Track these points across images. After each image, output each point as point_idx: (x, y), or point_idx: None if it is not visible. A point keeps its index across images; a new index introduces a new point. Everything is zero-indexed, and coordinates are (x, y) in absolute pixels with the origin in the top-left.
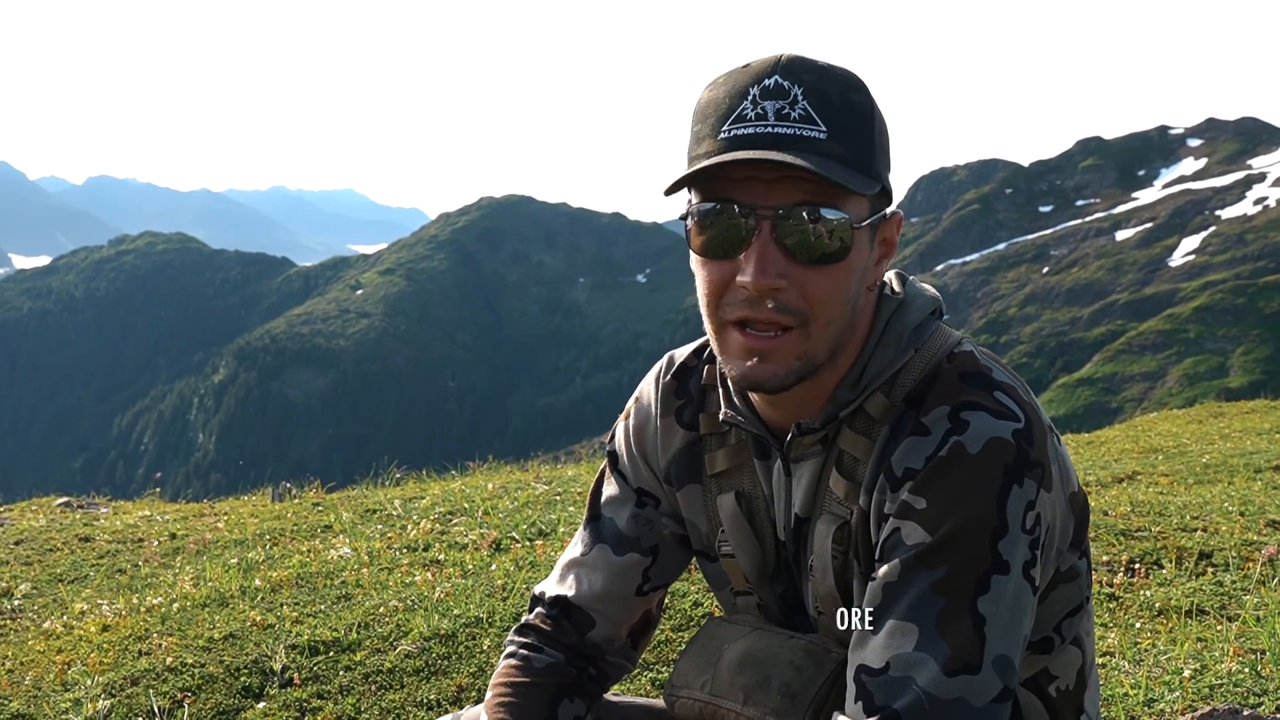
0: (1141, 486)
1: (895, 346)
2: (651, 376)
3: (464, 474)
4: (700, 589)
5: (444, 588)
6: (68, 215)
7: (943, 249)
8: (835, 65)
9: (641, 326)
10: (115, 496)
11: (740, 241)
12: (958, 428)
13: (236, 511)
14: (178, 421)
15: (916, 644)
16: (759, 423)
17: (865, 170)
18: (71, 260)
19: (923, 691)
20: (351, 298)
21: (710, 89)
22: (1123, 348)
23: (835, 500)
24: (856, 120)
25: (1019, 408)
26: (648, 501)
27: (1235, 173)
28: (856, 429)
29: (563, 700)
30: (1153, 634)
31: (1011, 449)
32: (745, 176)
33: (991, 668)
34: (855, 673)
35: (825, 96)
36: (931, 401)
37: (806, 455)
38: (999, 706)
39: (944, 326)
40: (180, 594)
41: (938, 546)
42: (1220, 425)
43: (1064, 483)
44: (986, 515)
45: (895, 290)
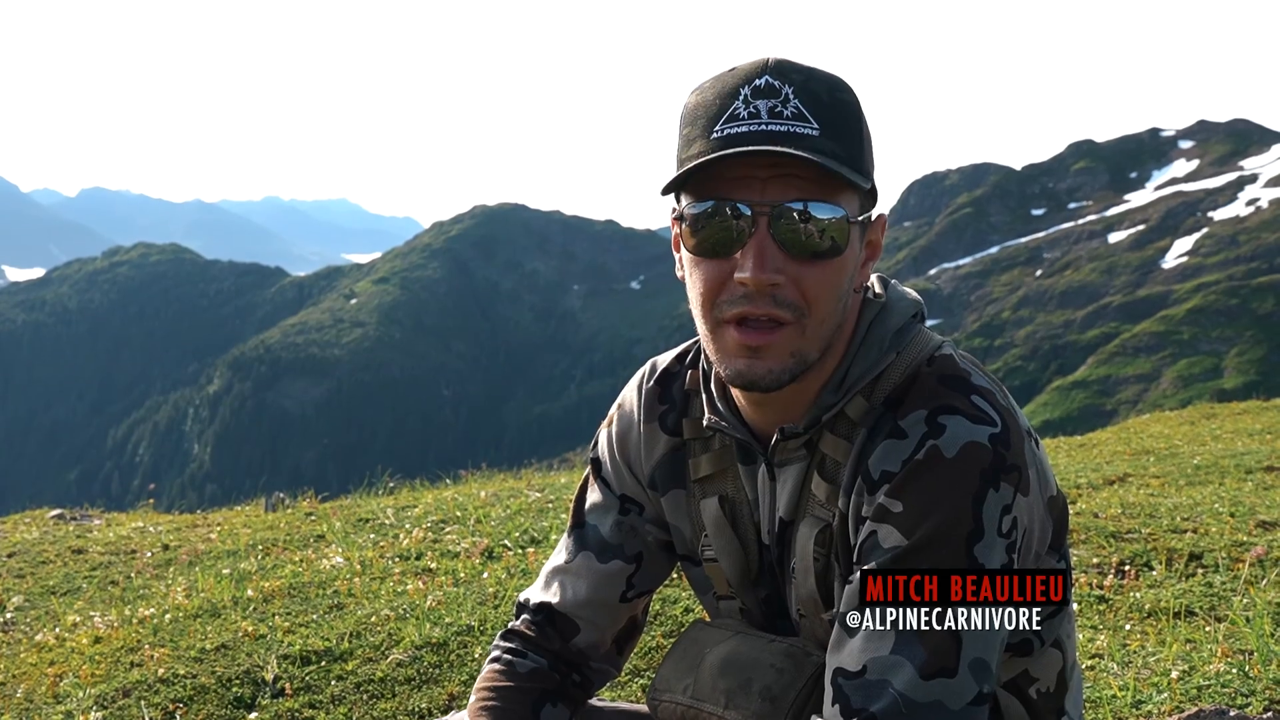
0: (1132, 488)
1: (877, 350)
2: (634, 383)
3: (457, 482)
4: (691, 595)
5: (436, 596)
6: (61, 227)
7: (935, 253)
8: (820, 68)
9: (636, 333)
10: (110, 508)
11: (737, 239)
12: (934, 431)
13: (229, 522)
14: (173, 432)
15: (893, 647)
16: (743, 427)
17: (857, 168)
18: (65, 272)
19: (899, 695)
20: (345, 307)
21: (697, 93)
22: (1117, 350)
23: (817, 504)
24: (846, 119)
25: (996, 412)
26: (631, 508)
27: (1227, 174)
28: (837, 432)
29: (545, 705)
30: (1142, 635)
31: (988, 453)
32: (740, 175)
33: (968, 671)
34: (832, 675)
35: (815, 95)
36: (909, 405)
37: (791, 459)
38: (976, 709)
39: (925, 330)
40: (172, 605)
41: (914, 550)
42: (1212, 426)
43: (1042, 487)
44: (962, 519)
45: (877, 294)
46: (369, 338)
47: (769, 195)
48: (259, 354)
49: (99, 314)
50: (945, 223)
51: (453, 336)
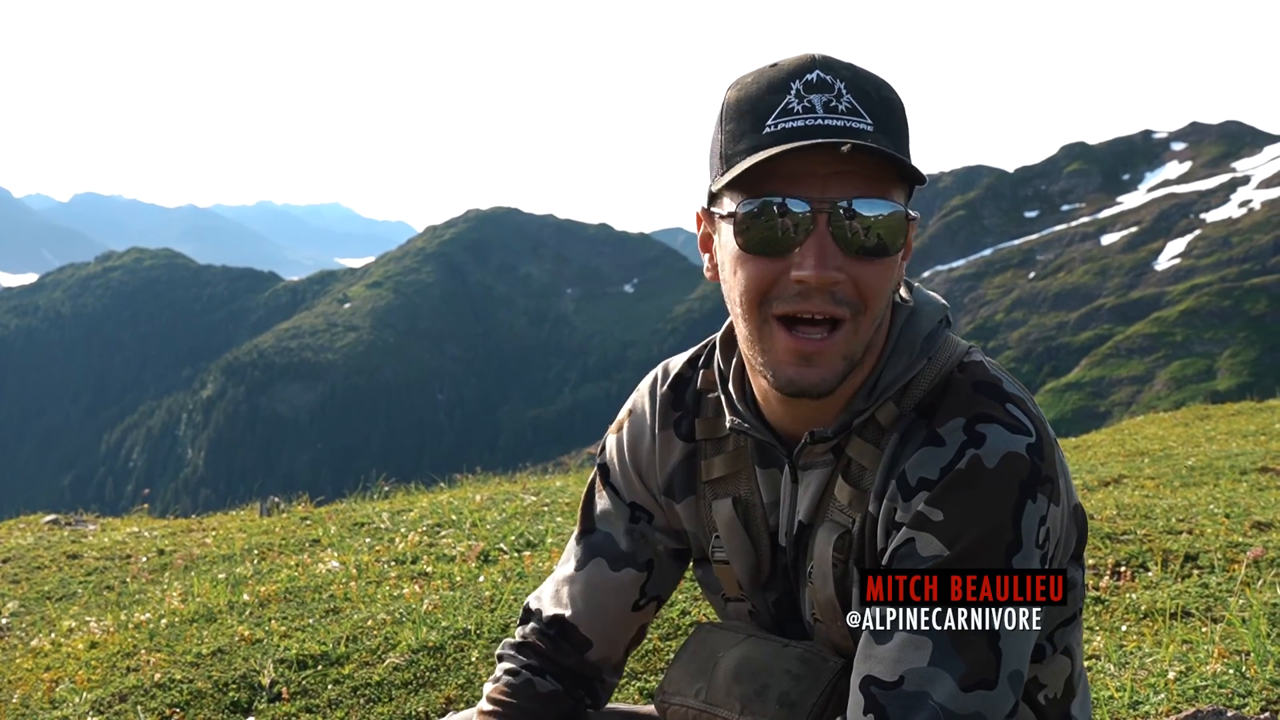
0: (1127, 490)
1: (908, 355)
2: (646, 388)
3: (452, 486)
4: (688, 597)
5: (432, 600)
6: (54, 233)
7: (929, 255)
8: (859, 64)
9: (629, 336)
10: (104, 513)
11: (795, 237)
12: (974, 440)
13: (225, 527)
14: (166, 437)
15: (931, 658)
16: (767, 430)
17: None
18: (58, 277)
19: (939, 707)
20: (339, 311)
21: (738, 89)
22: (1110, 352)
23: (839, 508)
24: (895, 115)
25: (1030, 421)
26: (641, 516)
27: (1219, 176)
28: (866, 437)
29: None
30: (1138, 637)
31: (1026, 464)
32: (799, 171)
33: (1006, 683)
34: (863, 683)
35: (864, 91)
36: (946, 412)
37: (816, 463)
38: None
39: (952, 335)
40: (168, 610)
41: (955, 560)
42: (1206, 428)
43: (1069, 496)
44: (1003, 530)
45: (904, 298)
46: (363, 342)
47: (830, 192)
48: (252, 358)
49: (92, 319)
50: (938, 225)
51: (446, 340)
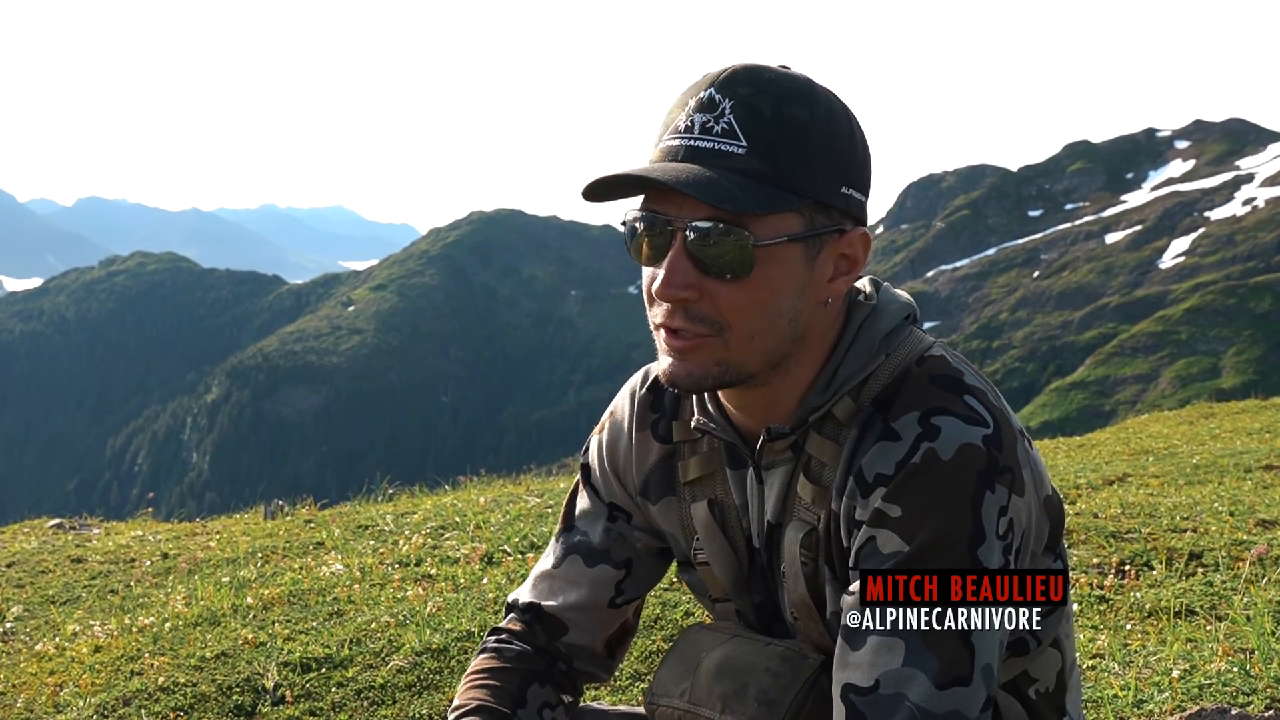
0: (1132, 488)
1: (867, 352)
2: (626, 390)
3: (456, 489)
4: (691, 599)
5: (436, 602)
6: (58, 237)
7: (933, 255)
8: (791, 75)
9: (634, 338)
10: (110, 518)
11: (662, 251)
12: (929, 433)
13: (229, 530)
14: (171, 441)
15: (904, 659)
16: (731, 429)
17: (789, 186)
18: (62, 282)
19: (916, 707)
20: (343, 314)
21: (678, 95)
22: (1115, 350)
23: (803, 506)
24: (788, 134)
25: (988, 413)
26: (619, 516)
27: (1223, 174)
28: (824, 433)
29: (532, 685)
30: (1143, 635)
31: (983, 455)
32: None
33: (980, 677)
34: (843, 692)
35: (756, 110)
36: (901, 405)
37: (777, 462)
38: (986, 715)
39: (917, 332)
40: (172, 613)
41: (915, 555)
42: (1211, 426)
43: (1037, 487)
44: (962, 522)
45: (868, 295)
46: (367, 345)
47: (685, 211)
48: (257, 362)
49: (96, 323)
50: (942, 225)
51: (450, 343)
